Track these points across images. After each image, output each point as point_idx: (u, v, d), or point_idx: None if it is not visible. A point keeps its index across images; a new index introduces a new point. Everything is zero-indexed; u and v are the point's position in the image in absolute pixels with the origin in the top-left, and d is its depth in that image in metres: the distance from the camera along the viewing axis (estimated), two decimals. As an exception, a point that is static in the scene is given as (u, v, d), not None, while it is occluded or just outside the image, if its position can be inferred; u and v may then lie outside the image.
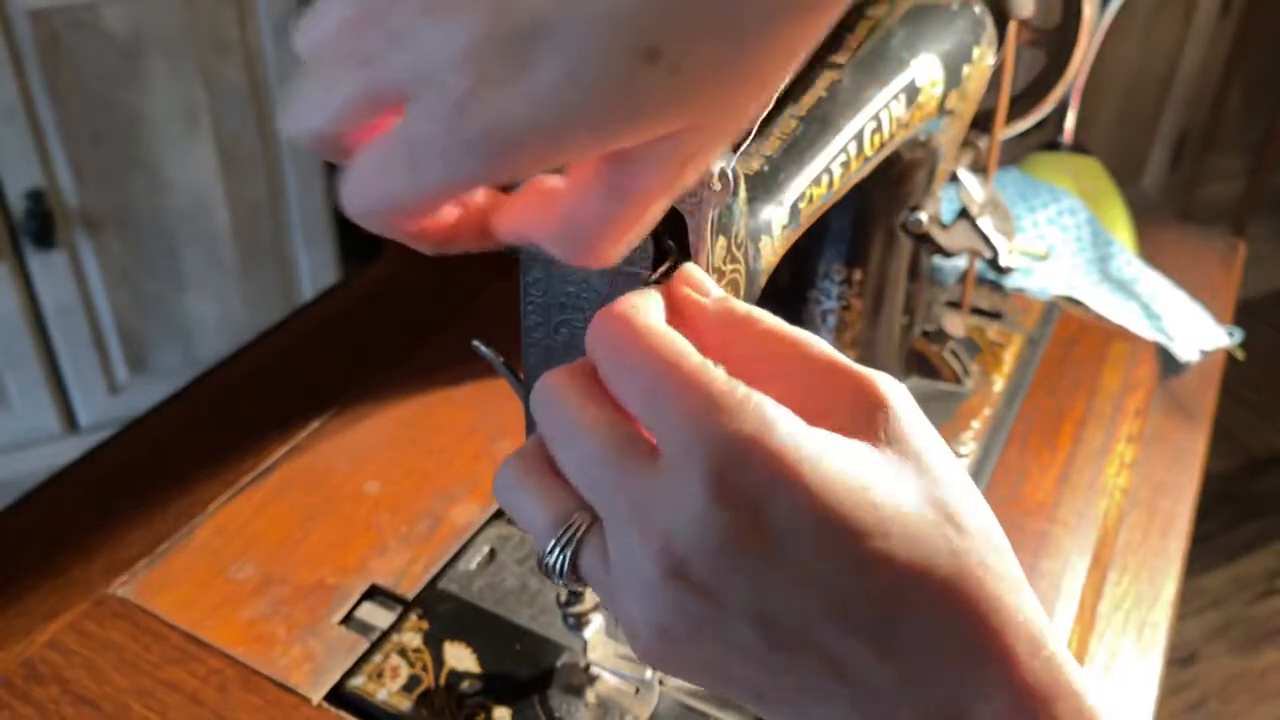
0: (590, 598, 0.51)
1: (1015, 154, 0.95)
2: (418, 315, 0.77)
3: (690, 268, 0.33)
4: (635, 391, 0.28)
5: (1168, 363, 0.76)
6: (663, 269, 0.38)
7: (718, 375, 0.28)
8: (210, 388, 0.69)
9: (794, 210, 0.46)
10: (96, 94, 1.40)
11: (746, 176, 0.44)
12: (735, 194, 0.37)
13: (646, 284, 0.39)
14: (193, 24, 1.41)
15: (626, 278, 0.39)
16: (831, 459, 0.27)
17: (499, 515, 0.60)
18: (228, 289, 1.61)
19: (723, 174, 0.35)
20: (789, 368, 0.30)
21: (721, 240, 0.38)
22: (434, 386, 0.69)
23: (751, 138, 0.46)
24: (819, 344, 0.30)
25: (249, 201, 1.56)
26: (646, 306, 0.31)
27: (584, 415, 0.29)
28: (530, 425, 0.45)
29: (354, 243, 1.76)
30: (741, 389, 0.27)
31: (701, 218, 0.36)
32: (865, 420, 0.28)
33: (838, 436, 0.28)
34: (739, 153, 0.44)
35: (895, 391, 0.29)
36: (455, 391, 0.69)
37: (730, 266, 0.40)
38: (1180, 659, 1.51)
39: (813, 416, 0.28)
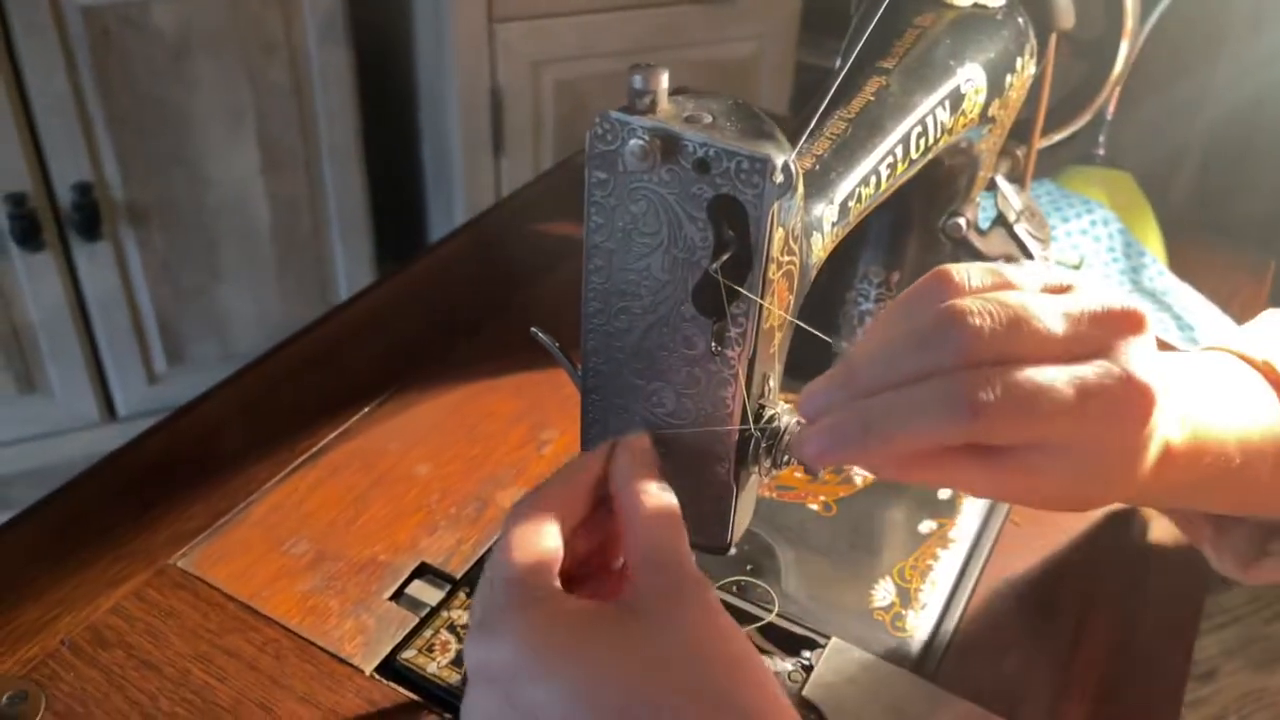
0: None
1: (1049, 167, 0.97)
2: (463, 308, 0.79)
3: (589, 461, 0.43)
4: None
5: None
6: (723, 258, 0.40)
7: (514, 566, 0.37)
8: (262, 373, 0.71)
9: (844, 208, 0.48)
10: (145, 90, 1.43)
11: (799, 174, 0.46)
12: (795, 189, 0.39)
13: (706, 271, 0.40)
14: (240, 24, 1.44)
15: (686, 266, 0.41)
16: (570, 646, 0.34)
17: (544, 500, 0.62)
18: (265, 284, 1.64)
19: (785, 167, 0.37)
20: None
21: (780, 232, 0.40)
22: (480, 376, 0.71)
23: (805, 138, 0.48)
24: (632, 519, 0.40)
25: (288, 199, 1.59)
26: (542, 503, 0.40)
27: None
28: (586, 414, 0.47)
29: (389, 242, 1.78)
30: (525, 587, 0.36)
31: (764, 209, 0.38)
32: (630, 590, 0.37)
33: (592, 620, 0.35)
34: (798, 148, 0.46)
35: (647, 569, 0.37)
36: (501, 382, 0.71)
37: (786, 258, 0.41)
38: (1200, 674, 1.52)
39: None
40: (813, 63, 1.71)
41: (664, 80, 0.39)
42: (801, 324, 0.45)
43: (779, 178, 0.37)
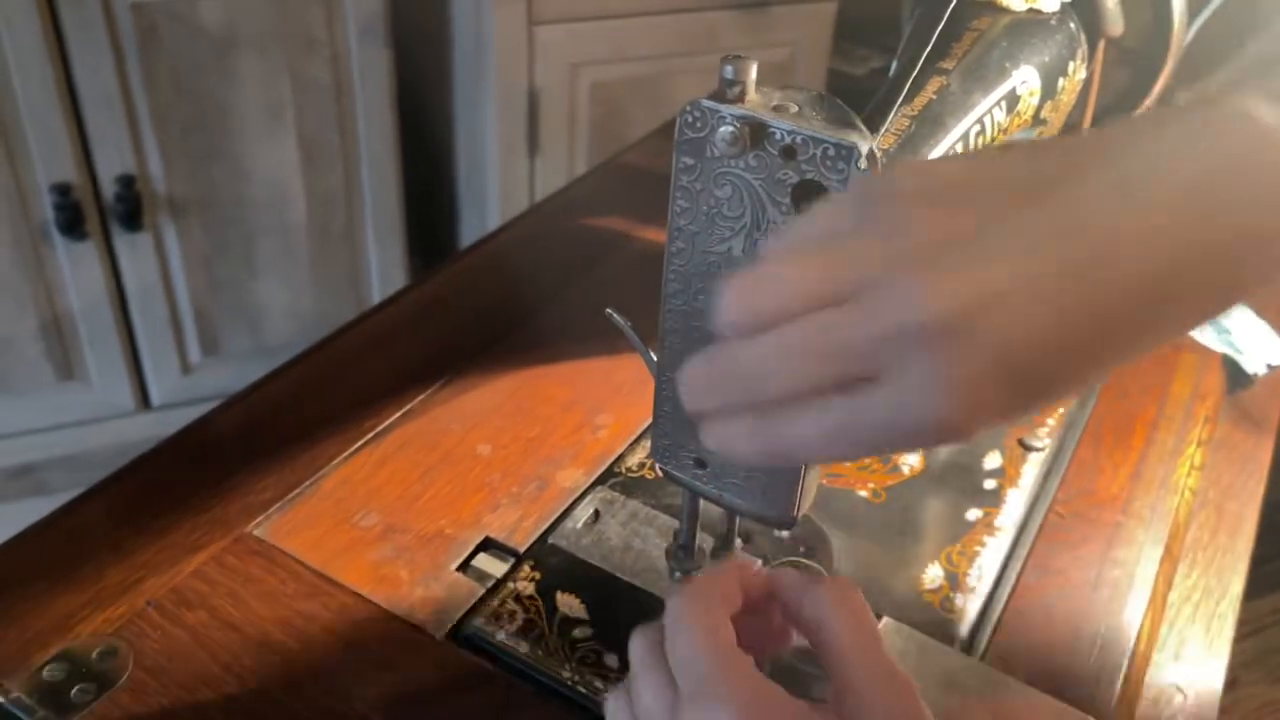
0: (699, 559, 0.55)
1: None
2: (515, 299, 0.81)
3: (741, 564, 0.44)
4: (673, 652, 0.39)
5: (1235, 376, 0.79)
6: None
7: (717, 646, 0.38)
8: (329, 354, 0.74)
9: (910, 200, 0.50)
10: (189, 85, 1.46)
11: (868, 167, 0.48)
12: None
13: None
14: (283, 22, 1.47)
15: (768, 249, 0.43)
16: None
17: (602, 480, 0.64)
18: (299, 279, 1.66)
19: (870, 154, 0.39)
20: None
21: (861, 216, 0.42)
22: (535, 363, 0.74)
23: (880, 135, 0.50)
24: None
25: (325, 195, 1.62)
26: (708, 587, 0.41)
27: (642, 666, 0.40)
28: (659, 391, 0.49)
29: (423, 240, 1.81)
30: (724, 667, 0.37)
31: (848, 193, 0.40)
32: None
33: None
34: (878, 136, 0.48)
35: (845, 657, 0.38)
36: (556, 368, 0.73)
37: (864, 242, 0.43)
38: (1219, 684, 1.53)
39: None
40: (846, 70, 1.74)
41: (753, 71, 0.41)
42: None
43: (863, 164, 0.39)
